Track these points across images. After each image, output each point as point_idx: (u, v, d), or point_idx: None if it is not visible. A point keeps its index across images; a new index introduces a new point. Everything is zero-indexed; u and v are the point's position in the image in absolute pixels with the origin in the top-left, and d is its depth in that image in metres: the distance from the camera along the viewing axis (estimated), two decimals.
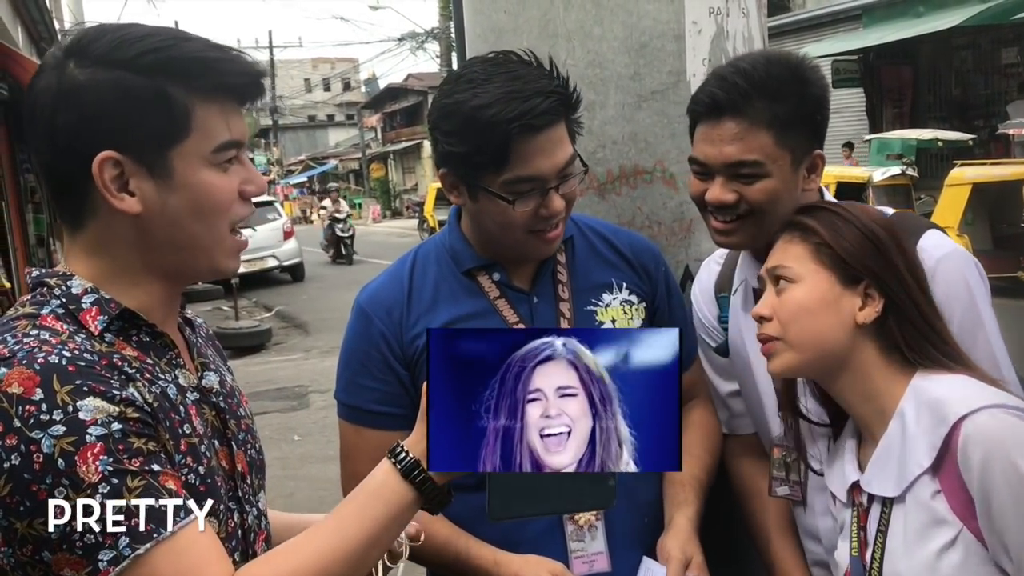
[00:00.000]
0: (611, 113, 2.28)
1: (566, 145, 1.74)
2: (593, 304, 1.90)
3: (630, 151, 2.29)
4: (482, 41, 2.45)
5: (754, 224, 1.76)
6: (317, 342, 12.61)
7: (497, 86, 1.68)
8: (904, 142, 14.97)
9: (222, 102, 1.25)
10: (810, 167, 1.79)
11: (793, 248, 1.61)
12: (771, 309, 1.60)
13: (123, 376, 1.19)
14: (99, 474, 1.10)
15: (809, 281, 1.57)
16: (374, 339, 1.84)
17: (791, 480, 1.89)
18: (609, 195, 2.30)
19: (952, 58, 18.63)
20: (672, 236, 2.30)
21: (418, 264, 1.92)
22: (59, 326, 1.20)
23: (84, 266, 1.27)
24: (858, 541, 1.57)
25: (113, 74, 1.19)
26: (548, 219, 1.75)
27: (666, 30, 2.27)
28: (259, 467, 1.46)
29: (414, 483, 1.26)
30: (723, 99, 1.71)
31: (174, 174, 1.23)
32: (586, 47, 2.28)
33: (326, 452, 6.57)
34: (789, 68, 1.74)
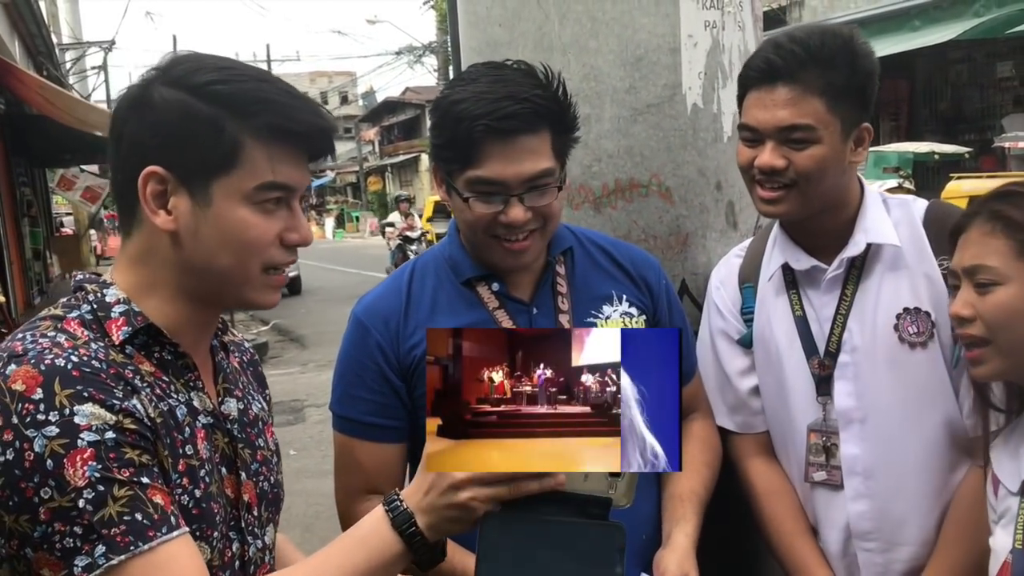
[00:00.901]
0: (606, 127, 2.27)
1: (539, 156, 1.70)
2: (593, 316, 1.88)
3: (626, 165, 2.28)
4: (477, 55, 2.44)
5: (800, 193, 1.80)
6: (314, 356, 12.58)
7: (477, 85, 1.70)
8: (901, 155, 14.96)
9: (272, 144, 1.26)
10: (857, 139, 1.83)
11: (994, 242, 1.49)
12: (972, 309, 1.50)
13: (128, 388, 1.20)
14: (85, 479, 1.11)
15: (1019, 282, 1.46)
16: (370, 350, 1.83)
17: (830, 465, 1.91)
18: (605, 209, 2.29)
19: (948, 72, 18.69)
20: (668, 250, 2.29)
21: (416, 274, 1.91)
22: (80, 331, 1.23)
23: (125, 276, 1.31)
24: (1023, 533, 1.50)
25: (181, 95, 1.24)
26: (509, 227, 1.73)
27: (662, 43, 2.26)
28: (271, 500, 1.45)
29: (404, 536, 1.23)
30: (779, 65, 1.77)
31: (212, 203, 1.25)
32: (581, 61, 2.27)
33: (322, 467, 6.55)
34: (842, 39, 1.79)
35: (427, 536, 1.23)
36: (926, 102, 19.13)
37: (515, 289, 1.86)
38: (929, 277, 1.83)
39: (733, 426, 2.06)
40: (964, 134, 17.63)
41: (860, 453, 1.89)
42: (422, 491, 1.23)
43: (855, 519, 1.91)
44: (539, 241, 1.80)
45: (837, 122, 1.77)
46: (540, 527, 1.20)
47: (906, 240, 1.86)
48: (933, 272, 1.83)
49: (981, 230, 1.51)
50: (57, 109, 10.90)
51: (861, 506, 1.90)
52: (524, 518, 1.20)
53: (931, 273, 1.83)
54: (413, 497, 1.24)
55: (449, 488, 1.21)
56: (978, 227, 1.52)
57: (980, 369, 1.52)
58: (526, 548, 1.20)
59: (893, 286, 1.86)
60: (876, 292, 1.87)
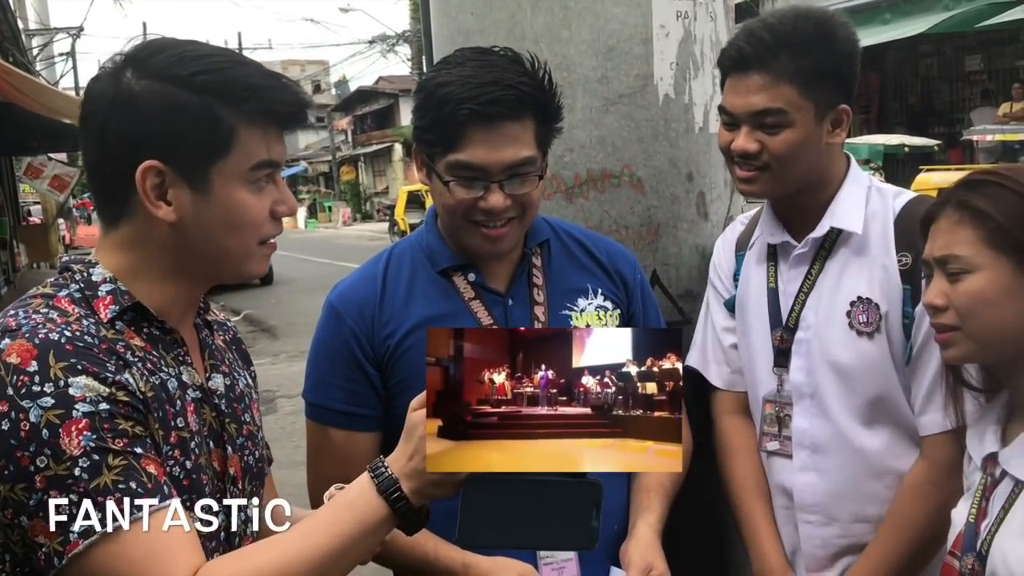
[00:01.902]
0: (578, 117, 2.27)
1: (521, 144, 1.71)
2: (568, 309, 1.88)
3: (598, 155, 2.28)
4: (450, 43, 2.43)
5: (774, 175, 1.85)
6: (285, 346, 12.50)
7: (463, 69, 1.70)
8: (872, 147, 15.09)
9: (265, 125, 1.32)
10: (835, 120, 1.86)
11: (963, 232, 1.51)
12: (945, 298, 1.52)
13: (120, 362, 1.24)
14: (81, 448, 1.15)
15: (988, 270, 1.48)
16: (344, 338, 1.82)
17: (782, 435, 1.97)
18: (577, 199, 2.29)
19: (918, 65, 18.85)
20: (639, 240, 2.29)
21: (392, 262, 1.90)
22: (70, 308, 1.28)
23: (110, 259, 1.34)
24: (978, 509, 1.54)
25: (167, 88, 1.27)
26: (488, 214, 1.73)
27: (634, 33, 2.26)
28: (255, 474, 1.49)
29: (389, 500, 1.25)
30: (749, 52, 1.80)
31: (212, 189, 1.30)
32: (553, 50, 2.27)
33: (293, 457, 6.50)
34: (815, 23, 1.81)
35: (411, 501, 1.25)
36: (896, 95, 19.30)
37: (491, 280, 1.86)
38: (886, 270, 1.86)
39: (719, 381, 2.11)
40: (933, 127, 17.81)
41: (808, 427, 1.94)
42: (406, 456, 1.25)
43: (799, 491, 1.96)
44: (517, 229, 1.80)
45: (811, 106, 1.80)
46: (520, 486, 1.21)
47: (876, 231, 1.88)
48: (891, 266, 1.86)
49: (950, 220, 1.53)
50: (24, 96, 10.74)
51: (806, 478, 1.95)
52: (505, 478, 1.21)
53: (889, 267, 1.86)
54: (397, 463, 1.26)
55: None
56: (947, 217, 1.54)
57: (950, 352, 1.55)
58: (507, 507, 1.22)
59: (853, 272, 1.89)
60: (837, 276, 1.91)
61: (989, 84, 16.93)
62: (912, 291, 1.82)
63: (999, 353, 1.53)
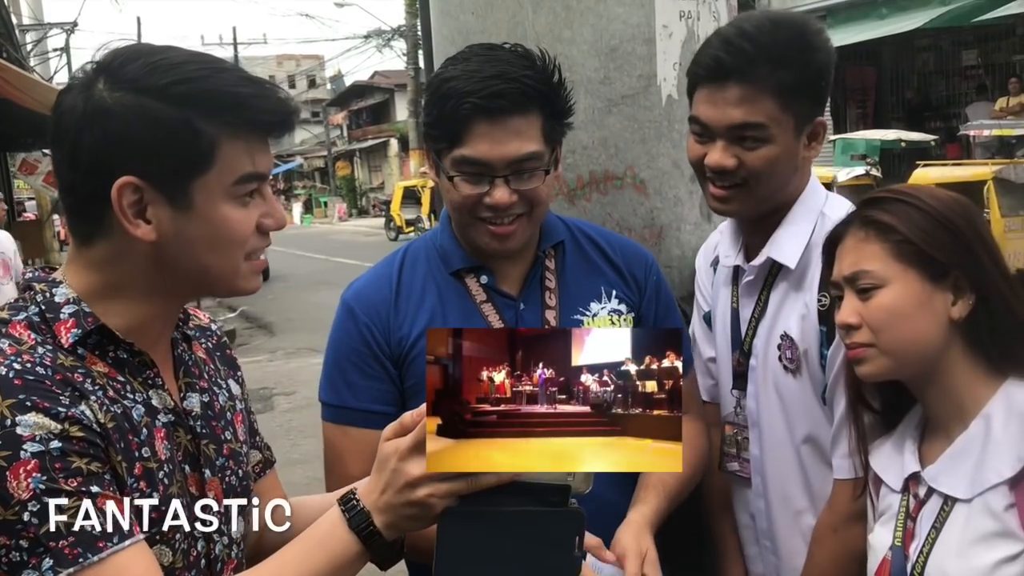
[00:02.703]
0: (581, 118, 2.24)
1: (527, 139, 1.68)
2: (581, 313, 1.85)
3: (600, 156, 2.26)
4: (449, 43, 2.40)
5: (750, 192, 1.77)
6: (282, 343, 12.47)
7: (469, 64, 1.69)
8: (868, 143, 15.09)
9: (248, 137, 1.24)
10: (811, 134, 1.79)
11: (869, 248, 1.51)
12: (859, 316, 1.51)
13: (76, 393, 1.16)
14: (30, 491, 1.08)
15: (898, 283, 1.48)
16: (363, 335, 1.80)
17: (741, 458, 1.95)
18: (579, 201, 2.27)
19: (914, 60, 18.84)
20: (643, 243, 2.26)
21: (407, 262, 1.88)
22: (26, 335, 1.19)
23: (79, 278, 1.26)
24: (903, 531, 1.53)
25: (142, 100, 1.18)
26: (494, 209, 1.71)
27: (636, 34, 2.24)
28: (239, 493, 1.41)
29: (361, 536, 1.21)
30: (728, 63, 1.70)
31: (193, 205, 1.22)
32: (555, 50, 2.22)
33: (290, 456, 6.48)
34: (795, 32, 1.72)
35: (385, 535, 1.21)
36: (892, 90, 19.29)
37: (504, 282, 1.84)
38: (807, 308, 1.80)
39: (702, 392, 2.08)
40: (930, 122, 17.82)
41: (759, 455, 1.92)
42: (378, 490, 1.21)
43: (757, 515, 1.96)
44: (526, 227, 1.77)
45: (790, 120, 1.72)
46: (499, 519, 1.18)
47: (813, 265, 1.79)
48: (812, 304, 1.79)
49: (856, 237, 1.53)
50: (18, 91, 10.69)
51: (760, 504, 1.94)
52: (483, 512, 1.18)
53: (810, 305, 1.80)
54: (369, 496, 1.22)
55: (405, 486, 1.18)
56: (852, 235, 1.54)
57: (864, 368, 1.52)
58: (485, 541, 1.18)
59: (788, 306, 1.84)
60: (777, 307, 1.86)
61: (986, 79, 16.92)
62: (827, 332, 1.75)
63: (913, 367, 1.51)
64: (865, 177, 12.96)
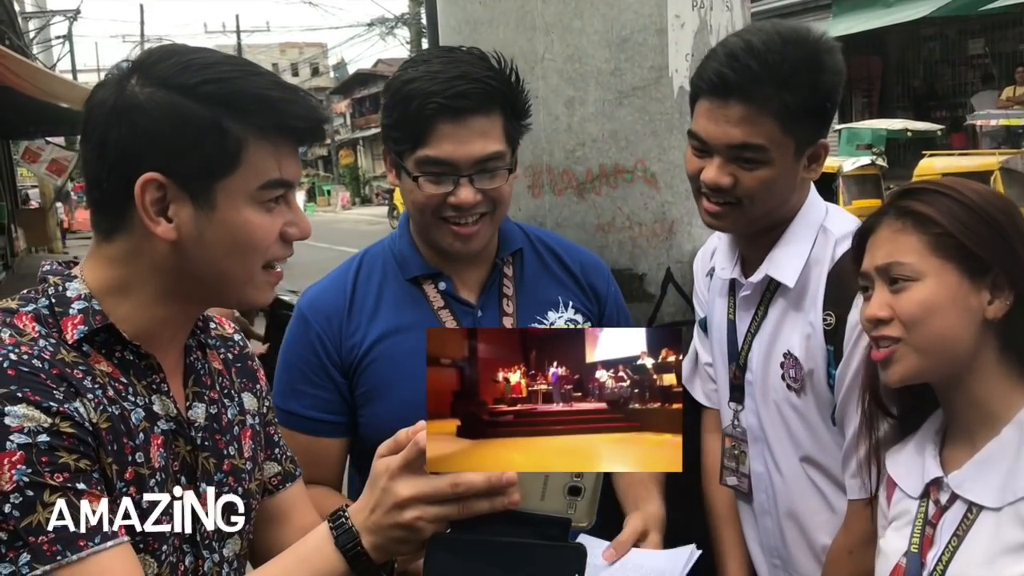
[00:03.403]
0: (591, 110, 2.21)
1: (490, 139, 1.70)
2: (538, 322, 1.86)
3: (610, 149, 2.21)
4: (456, 33, 2.36)
5: (744, 212, 1.72)
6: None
7: (430, 66, 1.70)
8: (874, 132, 15.02)
9: (277, 141, 1.23)
10: (812, 156, 1.73)
11: (906, 240, 1.45)
12: (889, 310, 1.45)
13: (72, 389, 1.14)
14: (13, 483, 1.06)
15: (933, 278, 1.42)
16: (312, 344, 1.80)
17: (740, 472, 1.91)
18: (589, 195, 2.23)
19: (920, 49, 18.75)
20: (653, 237, 2.23)
21: (363, 269, 1.88)
22: (31, 327, 1.18)
23: (95, 273, 1.25)
24: (920, 537, 1.47)
25: (172, 98, 1.18)
26: (459, 209, 1.72)
27: (648, 24, 2.19)
28: (236, 513, 1.37)
29: (347, 556, 1.16)
30: (732, 80, 1.63)
31: (216, 207, 1.21)
32: (565, 41, 2.20)
33: None
34: (805, 52, 1.64)
35: (372, 557, 1.16)
36: (898, 79, 19.21)
37: (462, 289, 1.84)
38: (812, 327, 1.74)
39: (702, 397, 2.05)
40: (936, 111, 17.73)
41: (763, 472, 1.88)
42: (368, 509, 1.16)
43: (763, 533, 1.91)
44: (488, 227, 1.77)
45: (791, 142, 1.66)
46: (492, 549, 1.12)
47: (813, 282, 1.75)
48: (817, 323, 1.73)
49: (891, 228, 1.47)
50: (20, 80, 10.65)
51: (766, 522, 1.90)
52: (475, 540, 1.13)
53: (815, 324, 1.74)
54: (359, 515, 1.17)
55: (394, 506, 1.13)
56: (888, 225, 1.48)
57: (893, 368, 1.46)
58: (477, 572, 1.12)
59: (788, 324, 1.79)
60: (776, 324, 1.81)
61: (992, 68, 16.83)
62: (835, 352, 1.70)
63: (944, 368, 1.45)
64: (871, 167, 12.90)
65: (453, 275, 1.83)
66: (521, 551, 1.12)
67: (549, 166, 2.24)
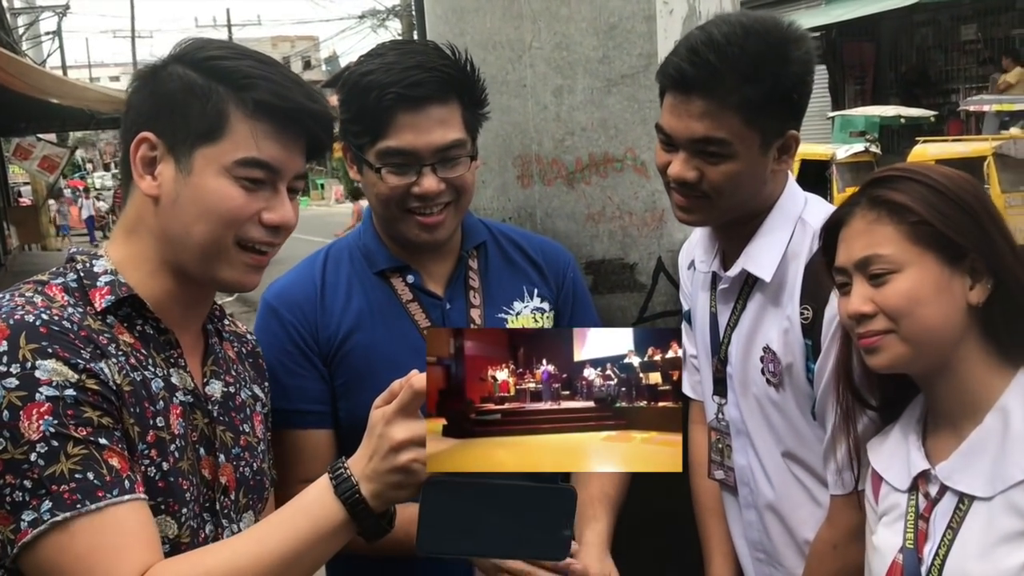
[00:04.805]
0: (579, 98, 2.18)
1: (449, 127, 1.71)
2: (504, 312, 1.87)
3: (599, 138, 2.19)
4: (443, 22, 2.34)
5: (712, 205, 1.70)
6: None
7: (385, 58, 1.71)
8: (868, 119, 14.99)
9: (259, 120, 1.29)
10: (782, 147, 1.70)
11: (882, 230, 1.42)
12: (872, 304, 1.42)
13: (97, 351, 1.21)
14: (39, 433, 1.13)
15: (915, 268, 1.40)
16: (288, 334, 1.78)
17: (725, 466, 1.91)
18: (578, 184, 2.21)
19: (913, 35, 18.72)
20: (644, 227, 2.21)
21: (330, 262, 1.87)
22: (60, 296, 1.26)
23: (117, 248, 1.35)
24: (915, 532, 1.45)
25: (183, 70, 1.30)
26: (423, 199, 1.71)
27: (636, 11, 2.17)
28: (252, 487, 1.43)
29: (347, 504, 1.19)
30: (692, 75, 1.61)
31: (193, 171, 1.29)
32: (553, 29, 2.18)
33: None
34: (768, 43, 1.61)
35: (371, 505, 1.19)
36: (891, 65, 19.18)
37: (429, 282, 1.84)
38: (790, 321, 1.72)
39: (688, 389, 2.03)
40: (929, 97, 17.71)
41: (747, 464, 1.87)
42: (366, 457, 1.20)
43: (747, 527, 1.91)
44: (453, 216, 1.78)
45: (756, 135, 1.63)
46: (486, 491, 1.16)
47: (790, 276, 1.73)
48: (794, 318, 1.71)
49: (865, 219, 1.44)
50: (10, 76, 10.61)
51: (750, 516, 1.89)
52: (468, 482, 1.16)
53: (792, 318, 1.71)
54: (358, 464, 1.21)
55: (390, 450, 1.17)
56: (860, 217, 1.45)
57: (879, 357, 1.43)
58: (470, 513, 1.16)
59: (767, 318, 1.76)
60: (755, 318, 1.79)
61: (985, 53, 16.80)
62: (812, 346, 1.68)
63: (931, 356, 1.43)
64: (864, 154, 12.89)
65: (420, 268, 1.83)
66: (513, 493, 1.16)
67: (538, 156, 2.22)
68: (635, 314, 2.23)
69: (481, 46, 2.19)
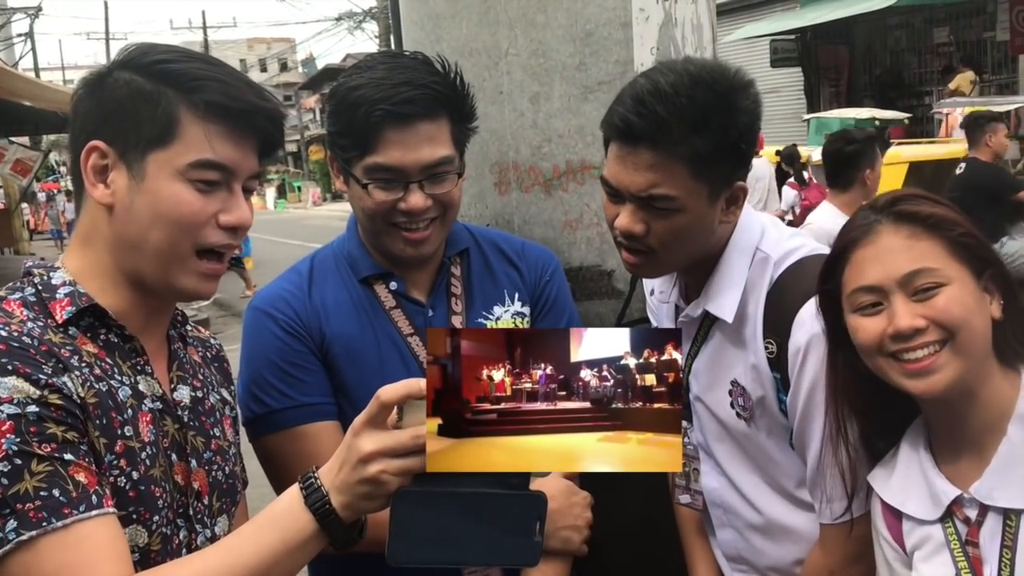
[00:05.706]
0: (556, 105, 2.18)
1: (438, 144, 1.70)
2: (484, 317, 1.86)
3: (577, 145, 2.19)
4: (419, 28, 2.33)
5: (660, 260, 1.67)
6: None
7: (375, 72, 1.69)
8: (843, 121, 15.11)
9: (211, 121, 1.28)
10: (730, 199, 1.66)
11: (923, 244, 1.40)
12: (923, 319, 1.37)
13: (60, 365, 1.20)
14: (2, 452, 1.11)
15: (959, 281, 1.38)
16: (288, 332, 1.77)
17: (692, 490, 1.90)
18: (555, 192, 2.20)
19: (886, 37, 18.89)
20: None
21: (316, 270, 1.87)
22: (19, 311, 1.25)
23: (73, 260, 1.33)
24: (967, 559, 1.40)
25: (130, 76, 1.29)
26: (409, 215, 1.71)
27: (612, 17, 2.16)
28: (225, 491, 1.43)
29: (317, 515, 1.18)
30: (639, 127, 1.55)
31: (146, 177, 1.27)
32: (529, 35, 2.17)
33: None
34: (716, 93, 1.56)
35: (341, 515, 1.18)
36: (866, 68, 19.35)
37: (412, 289, 1.84)
38: (757, 356, 1.69)
39: None
40: (902, 99, 17.88)
41: (717, 487, 1.87)
42: (336, 468, 1.19)
43: (724, 545, 1.91)
44: (439, 231, 1.78)
45: (704, 188, 1.59)
46: (456, 500, 1.16)
47: (751, 311, 1.70)
48: (760, 353, 1.68)
49: (898, 235, 1.41)
50: None
51: (726, 534, 1.89)
52: (438, 492, 1.16)
53: (758, 353, 1.69)
54: (328, 475, 1.20)
55: (358, 462, 1.16)
56: (893, 233, 1.42)
57: (937, 377, 1.37)
58: (440, 522, 1.16)
59: (731, 354, 1.75)
60: (718, 351, 1.77)
61: (957, 56, 16.97)
62: (781, 379, 1.65)
63: (974, 371, 1.40)
64: None
65: (404, 275, 1.83)
66: (483, 500, 1.16)
67: (515, 163, 2.21)
68: (613, 321, 2.23)
69: (457, 52, 2.18)
